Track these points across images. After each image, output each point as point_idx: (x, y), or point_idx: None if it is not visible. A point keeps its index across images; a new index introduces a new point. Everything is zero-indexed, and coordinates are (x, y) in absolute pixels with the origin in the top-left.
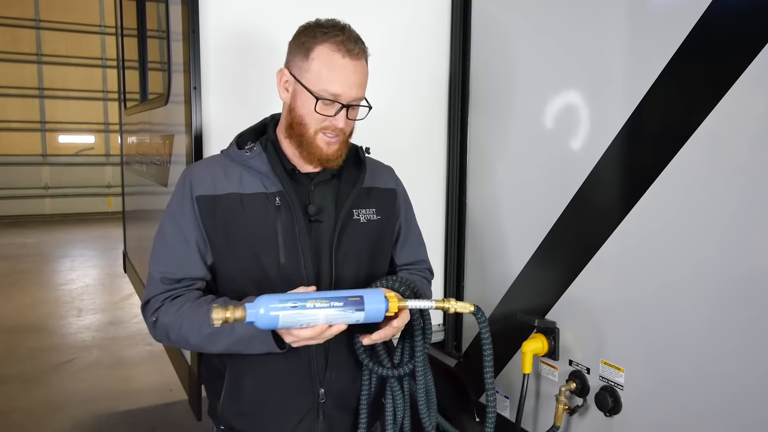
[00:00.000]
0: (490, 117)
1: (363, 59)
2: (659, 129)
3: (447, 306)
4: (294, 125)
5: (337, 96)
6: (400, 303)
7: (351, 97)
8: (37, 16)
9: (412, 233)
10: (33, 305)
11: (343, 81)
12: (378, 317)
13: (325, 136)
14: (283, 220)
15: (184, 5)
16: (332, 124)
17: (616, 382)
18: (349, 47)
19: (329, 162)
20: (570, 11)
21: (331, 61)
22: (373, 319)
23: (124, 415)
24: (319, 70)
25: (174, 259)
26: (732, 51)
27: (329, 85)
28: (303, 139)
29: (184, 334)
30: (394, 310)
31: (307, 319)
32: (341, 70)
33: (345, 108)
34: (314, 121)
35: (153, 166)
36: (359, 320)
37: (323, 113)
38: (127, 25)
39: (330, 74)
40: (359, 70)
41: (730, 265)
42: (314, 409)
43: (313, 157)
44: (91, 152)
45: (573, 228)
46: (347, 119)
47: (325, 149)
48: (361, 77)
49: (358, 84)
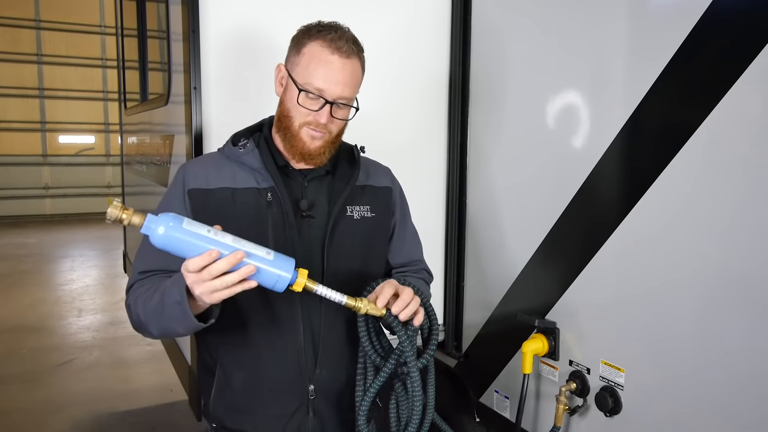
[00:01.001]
0: (491, 116)
1: (354, 59)
2: (659, 129)
3: (359, 305)
4: (281, 117)
5: (320, 90)
6: (308, 282)
7: (336, 94)
8: (37, 16)
9: (407, 233)
10: (33, 305)
11: (329, 77)
12: (278, 284)
13: (309, 130)
14: (274, 215)
15: (184, 5)
16: (315, 119)
17: (617, 382)
18: (339, 45)
19: (312, 158)
20: (570, 11)
21: (320, 56)
22: (272, 284)
23: (125, 416)
24: (307, 64)
25: (151, 255)
26: (732, 51)
27: (314, 79)
28: (288, 132)
29: (139, 313)
30: (299, 288)
31: (207, 245)
32: (328, 65)
33: (329, 105)
34: (298, 114)
35: (153, 166)
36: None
37: (306, 106)
38: (127, 25)
39: (316, 69)
40: (348, 69)
41: (730, 265)
42: (304, 406)
43: (295, 151)
44: (91, 152)
45: (573, 228)
46: (332, 117)
47: (308, 143)
48: (348, 76)
49: (344, 82)
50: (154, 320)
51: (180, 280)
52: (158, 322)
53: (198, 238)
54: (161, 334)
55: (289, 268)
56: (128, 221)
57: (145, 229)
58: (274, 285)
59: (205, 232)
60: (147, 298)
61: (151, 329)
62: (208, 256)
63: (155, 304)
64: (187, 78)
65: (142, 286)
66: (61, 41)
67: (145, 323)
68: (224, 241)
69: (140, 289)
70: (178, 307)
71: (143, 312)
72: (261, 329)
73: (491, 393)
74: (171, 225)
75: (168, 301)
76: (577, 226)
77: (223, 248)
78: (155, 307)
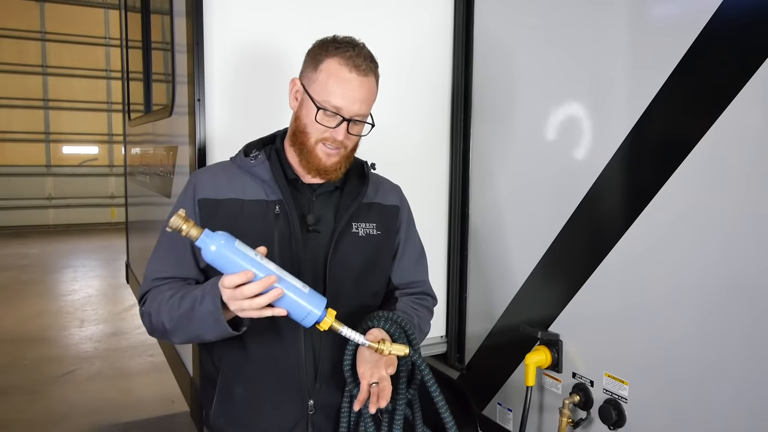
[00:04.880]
0: (493, 129)
1: (371, 76)
2: (662, 141)
3: (382, 348)
4: (297, 133)
5: (338, 108)
6: (335, 323)
7: (353, 111)
8: (42, 28)
9: (408, 252)
10: (35, 316)
11: (347, 95)
12: (307, 319)
13: (325, 147)
14: (280, 228)
15: (188, 17)
16: (332, 135)
17: (620, 395)
18: (357, 63)
19: (327, 174)
20: (573, 24)
21: (338, 74)
22: (301, 317)
23: (126, 427)
24: (325, 81)
25: (168, 257)
26: (734, 63)
27: (332, 97)
28: (304, 148)
29: (163, 320)
30: (325, 327)
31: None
32: (346, 84)
33: (346, 122)
34: (315, 131)
35: (156, 177)
36: (289, 307)
37: (324, 124)
38: (131, 37)
39: (335, 87)
40: (365, 87)
41: (733, 277)
42: (304, 421)
43: (311, 167)
44: (94, 163)
45: (576, 240)
46: (348, 133)
47: (324, 160)
48: (366, 94)
49: (361, 100)
50: (182, 328)
51: (214, 291)
52: (187, 329)
53: (243, 258)
54: (187, 340)
55: (321, 306)
56: (186, 233)
57: (200, 242)
58: (304, 319)
59: (252, 255)
60: (173, 306)
61: (177, 336)
62: (243, 275)
63: (185, 311)
64: (191, 89)
65: (161, 294)
66: (66, 53)
67: (171, 330)
68: (266, 266)
69: (160, 296)
70: (211, 316)
71: (169, 319)
72: (263, 343)
73: (494, 405)
74: (222, 243)
75: (200, 310)
76: (580, 237)
77: (262, 271)
78: (185, 314)
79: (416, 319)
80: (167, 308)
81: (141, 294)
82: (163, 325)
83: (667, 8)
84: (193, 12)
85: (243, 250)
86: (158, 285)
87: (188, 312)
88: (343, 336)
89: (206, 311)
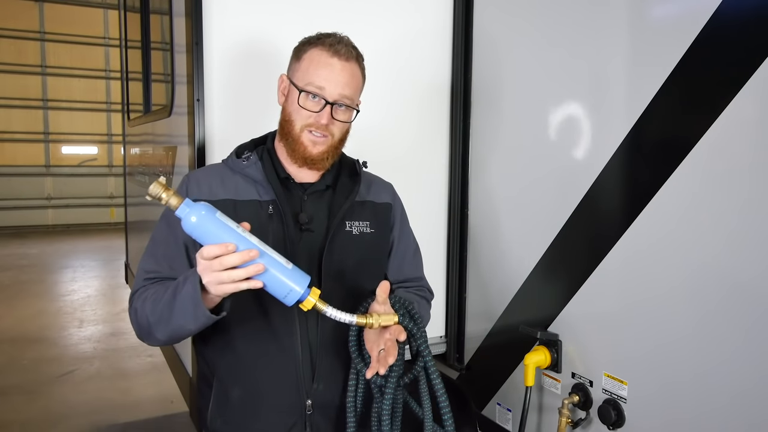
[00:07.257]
0: (492, 128)
1: (353, 62)
2: (661, 140)
3: (370, 321)
4: (283, 123)
5: (321, 89)
6: (319, 302)
7: (336, 93)
8: (41, 28)
9: (403, 250)
10: (34, 316)
11: (328, 76)
12: (289, 296)
13: (310, 134)
14: (274, 228)
15: (188, 18)
16: (317, 120)
17: (619, 395)
18: (338, 48)
19: (315, 163)
20: (571, 22)
21: (319, 59)
22: (283, 294)
23: (125, 427)
24: (307, 67)
25: (160, 257)
26: (734, 62)
27: (314, 79)
28: (290, 137)
29: (147, 314)
30: (308, 307)
31: (230, 239)
32: (327, 66)
33: (330, 105)
34: (300, 117)
35: (155, 177)
36: (269, 283)
37: (306, 107)
38: (131, 37)
39: (316, 69)
40: (347, 71)
41: (733, 277)
42: (302, 421)
43: (297, 156)
44: (93, 163)
45: (575, 239)
46: (332, 118)
47: (309, 148)
48: (348, 77)
49: (344, 83)
50: (164, 320)
51: (195, 276)
52: (168, 320)
53: (225, 230)
54: (169, 335)
55: (303, 284)
56: (166, 201)
57: (179, 211)
58: (285, 296)
59: (233, 227)
60: (156, 298)
61: (159, 330)
62: (224, 247)
63: (167, 300)
64: (190, 89)
65: (147, 290)
66: (65, 53)
67: (154, 324)
68: (249, 240)
69: (146, 292)
70: (190, 300)
71: (151, 312)
72: (259, 344)
73: (493, 405)
74: (203, 213)
75: (180, 296)
76: (580, 237)
77: (244, 245)
78: (167, 303)
79: (416, 305)
80: (150, 302)
81: (132, 293)
82: (147, 319)
83: (667, 8)
84: (193, 12)
85: (225, 222)
86: (147, 285)
87: (170, 301)
88: (328, 317)
89: (186, 294)
